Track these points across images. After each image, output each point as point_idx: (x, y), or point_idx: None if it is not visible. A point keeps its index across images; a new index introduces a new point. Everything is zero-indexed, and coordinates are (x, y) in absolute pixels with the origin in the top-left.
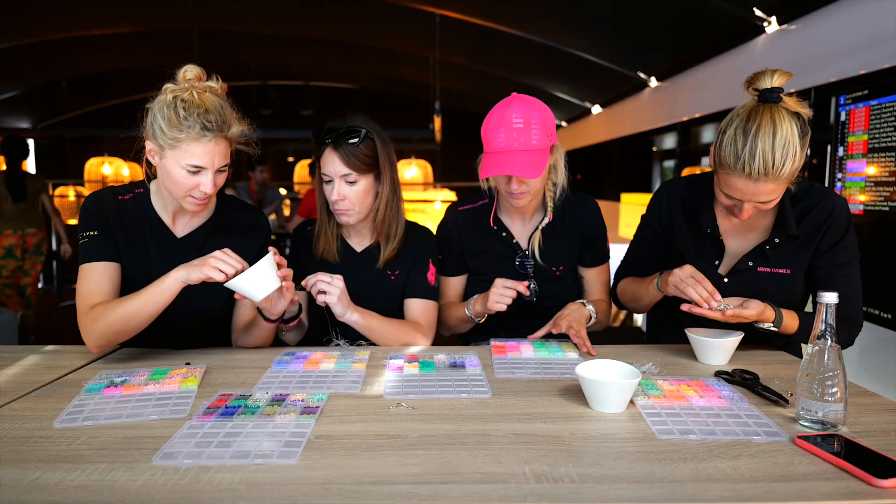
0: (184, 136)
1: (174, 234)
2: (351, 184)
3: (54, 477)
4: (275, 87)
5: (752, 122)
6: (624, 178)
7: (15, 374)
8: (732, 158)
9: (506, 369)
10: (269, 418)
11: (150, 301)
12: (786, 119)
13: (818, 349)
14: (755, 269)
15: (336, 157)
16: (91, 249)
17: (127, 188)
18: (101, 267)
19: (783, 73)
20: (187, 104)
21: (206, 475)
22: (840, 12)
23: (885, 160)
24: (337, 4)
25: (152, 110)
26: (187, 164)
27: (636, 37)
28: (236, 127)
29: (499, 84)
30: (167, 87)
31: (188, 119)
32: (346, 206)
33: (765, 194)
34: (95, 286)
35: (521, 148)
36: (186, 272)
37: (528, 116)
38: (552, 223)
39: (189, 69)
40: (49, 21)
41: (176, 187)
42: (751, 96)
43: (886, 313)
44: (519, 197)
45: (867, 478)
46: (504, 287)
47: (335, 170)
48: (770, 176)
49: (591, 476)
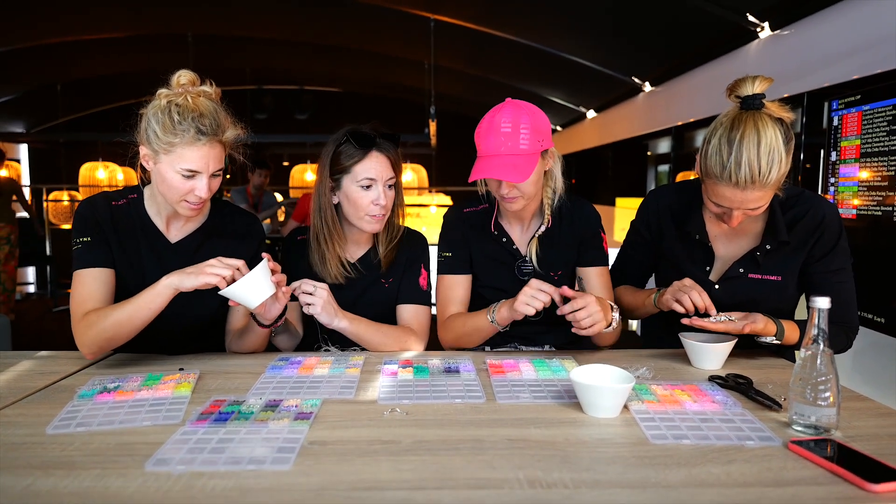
0: (178, 140)
1: (168, 239)
2: (390, 187)
3: (47, 483)
4: (270, 92)
5: (735, 130)
6: (618, 183)
7: (7, 379)
8: (719, 168)
9: (507, 394)
10: (263, 424)
11: (142, 307)
12: (769, 126)
13: (811, 354)
14: (746, 275)
15: (386, 160)
16: (84, 255)
17: (121, 193)
18: (95, 273)
19: (764, 79)
20: (181, 109)
21: (199, 481)
22: (833, 17)
23: (877, 165)
24: (332, 9)
25: (146, 115)
26: (182, 169)
27: (630, 42)
28: (231, 131)
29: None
30: (161, 93)
31: (182, 123)
32: (387, 209)
33: (753, 201)
34: (88, 292)
35: (507, 152)
36: (179, 279)
37: (516, 121)
38: (550, 229)
39: (183, 74)
40: (44, 25)
41: (170, 192)
42: (733, 104)
43: (880, 317)
44: (511, 201)
45: (860, 482)
46: (539, 290)
47: (383, 173)
48: (757, 184)
49: (584, 481)
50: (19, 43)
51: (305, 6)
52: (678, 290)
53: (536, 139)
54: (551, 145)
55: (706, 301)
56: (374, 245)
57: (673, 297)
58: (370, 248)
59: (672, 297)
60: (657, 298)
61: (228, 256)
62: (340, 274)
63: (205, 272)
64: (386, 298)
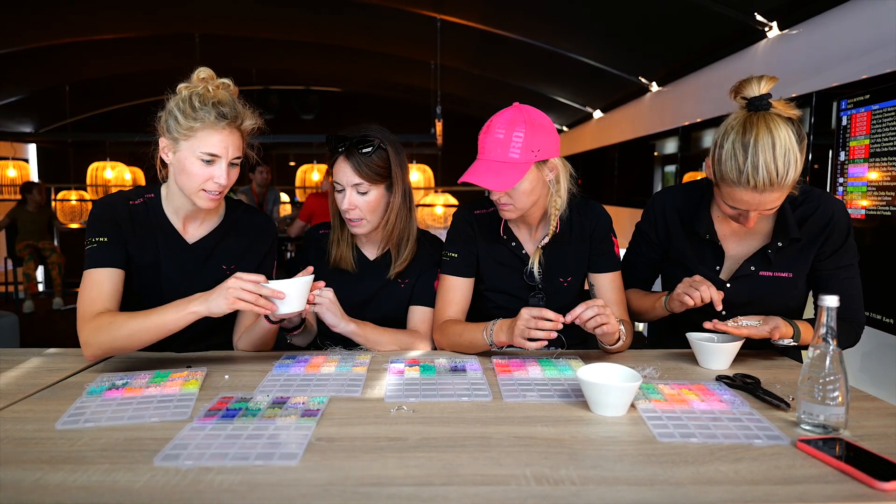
0: (199, 124)
1: (185, 239)
2: (362, 193)
3: (56, 478)
4: (276, 92)
5: (748, 133)
6: (624, 183)
7: (17, 376)
8: (735, 173)
9: (514, 392)
10: (270, 420)
11: (161, 326)
12: (782, 127)
13: (819, 353)
14: (757, 273)
15: (348, 166)
16: (98, 255)
17: (137, 192)
18: (107, 273)
19: (770, 79)
20: (202, 97)
21: (207, 476)
22: (841, 17)
23: (886, 164)
24: (338, 9)
25: (167, 108)
26: (202, 153)
27: (637, 41)
28: (249, 120)
29: (499, 88)
30: (181, 86)
31: (203, 108)
32: (357, 215)
33: (770, 202)
34: (98, 292)
35: (496, 158)
36: (207, 306)
37: (511, 129)
38: (559, 234)
39: (202, 70)
40: (52, 26)
41: (190, 180)
42: (738, 105)
43: (888, 318)
44: (503, 208)
45: (868, 481)
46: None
47: (347, 179)
48: (775, 186)
49: (591, 478)
50: (28, 44)
51: (311, 7)
52: (688, 286)
53: (530, 149)
54: (554, 155)
55: (715, 296)
56: (389, 248)
57: (683, 292)
58: (387, 251)
59: (682, 292)
60: (667, 301)
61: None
62: (349, 261)
63: (232, 297)
64: (402, 299)
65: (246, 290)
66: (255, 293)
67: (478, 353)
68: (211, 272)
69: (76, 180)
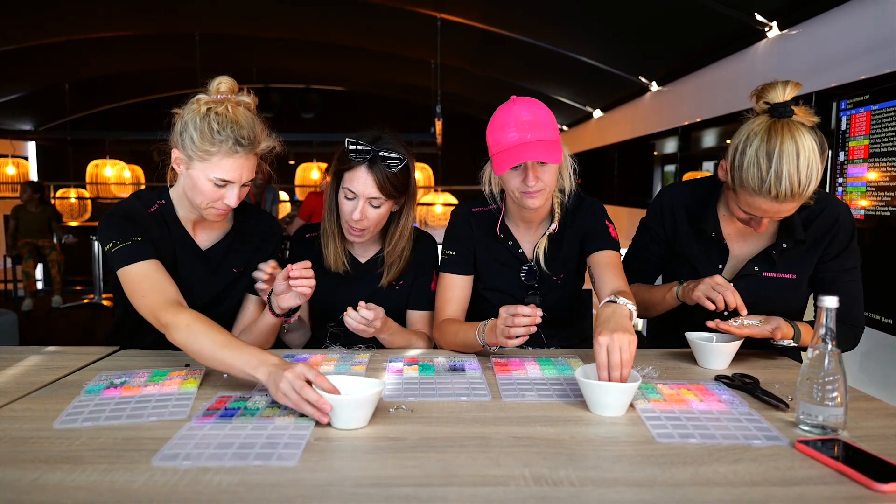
0: (215, 150)
1: (199, 246)
2: (375, 207)
3: (54, 477)
4: (276, 91)
5: (773, 142)
6: (624, 182)
7: (15, 374)
8: (757, 182)
9: (512, 392)
10: (269, 420)
11: (228, 368)
12: (806, 137)
13: (818, 353)
14: (761, 273)
15: (371, 179)
16: (140, 249)
17: (149, 199)
18: (156, 263)
19: (794, 85)
20: (221, 118)
21: (206, 476)
22: (841, 17)
23: (886, 165)
24: (338, 8)
25: (182, 119)
26: (216, 178)
27: (637, 41)
28: (265, 143)
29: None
30: (200, 98)
31: (221, 133)
32: (364, 225)
33: (787, 211)
34: (158, 280)
35: (535, 139)
36: (265, 382)
37: (536, 112)
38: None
39: (223, 81)
40: (51, 24)
41: (200, 197)
42: (759, 109)
43: (888, 318)
44: (535, 195)
45: (867, 482)
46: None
47: (365, 190)
48: (796, 196)
49: (590, 479)
50: (27, 42)
51: (312, 6)
52: (711, 289)
53: (556, 127)
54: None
55: (738, 301)
56: (381, 249)
57: (705, 294)
58: (378, 252)
59: (704, 295)
60: (680, 291)
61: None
62: (340, 264)
63: (281, 395)
64: (397, 301)
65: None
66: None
67: (475, 352)
68: (222, 276)
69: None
